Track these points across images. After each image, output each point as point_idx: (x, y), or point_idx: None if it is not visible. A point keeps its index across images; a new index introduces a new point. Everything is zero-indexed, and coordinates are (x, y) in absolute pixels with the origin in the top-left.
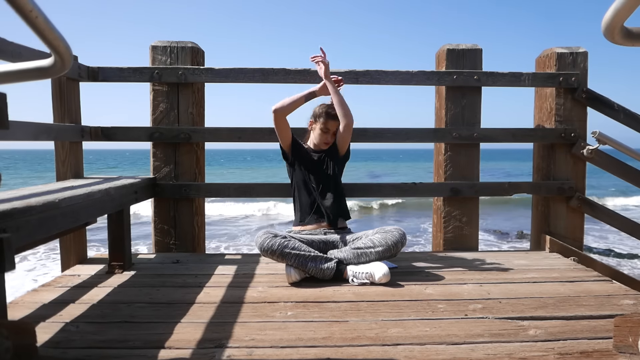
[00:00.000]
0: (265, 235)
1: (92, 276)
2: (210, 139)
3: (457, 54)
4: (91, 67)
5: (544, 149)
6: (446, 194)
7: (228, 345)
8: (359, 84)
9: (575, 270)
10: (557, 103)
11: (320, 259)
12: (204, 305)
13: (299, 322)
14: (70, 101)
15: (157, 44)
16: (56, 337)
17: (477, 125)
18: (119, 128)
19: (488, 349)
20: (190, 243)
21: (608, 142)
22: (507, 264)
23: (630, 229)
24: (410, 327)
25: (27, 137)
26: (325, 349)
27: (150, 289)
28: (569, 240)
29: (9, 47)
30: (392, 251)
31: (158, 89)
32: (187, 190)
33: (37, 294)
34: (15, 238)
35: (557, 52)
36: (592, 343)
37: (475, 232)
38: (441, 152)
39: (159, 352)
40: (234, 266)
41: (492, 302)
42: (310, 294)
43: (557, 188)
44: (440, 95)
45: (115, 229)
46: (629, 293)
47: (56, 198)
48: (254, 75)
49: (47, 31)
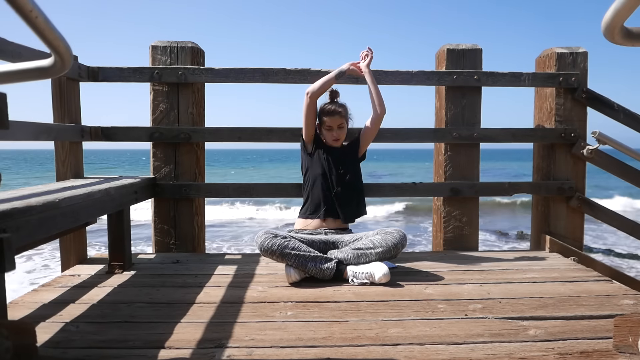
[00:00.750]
0: (265, 235)
1: (92, 276)
2: (210, 139)
3: (457, 54)
4: (91, 67)
5: (544, 149)
6: (446, 194)
7: (228, 345)
8: (359, 83)
9: (575, 270)
10: (557, 103)
11: (320, 259)
12: (204, 305)
13: (299, 322)
14: (70, 101)
15: (157, 44)
16: (56, 337)
17: (477, 125)
18: (119, 128)
19: (488, 349)
20: (190, 243)
21: (608, 142)
22: (507, 264)
23: (629, 229)
24: (410, 327)
25: (27, 137)
26: (325, 349)
27: (150, 289)
28: (569, 240)
29: (9, 47)
30: (393, 252)
31: (158, 89)
32: (187, 190)
33: (37, 294)
34: (15, 238)
35: (557, 52)
36: (592, 343)
37: (475, 232)
38: (441, 152)
39: (159, 352)
40: (234, 266)
41: (492, 302)
42: (310, 294)
43: (557, 188)
44: (440, 95)
45: (115, 229)
46: (629, 293)
47: (56, 198)
48: (254, 75)
49: (47, 31)
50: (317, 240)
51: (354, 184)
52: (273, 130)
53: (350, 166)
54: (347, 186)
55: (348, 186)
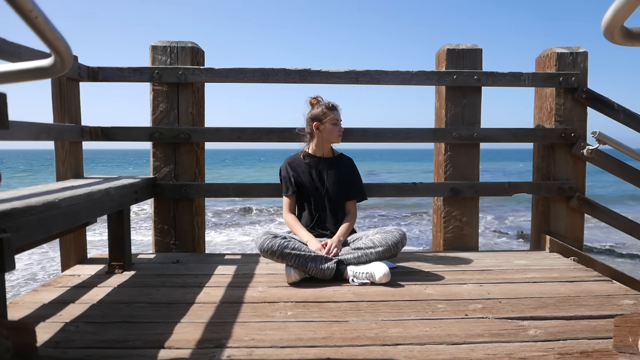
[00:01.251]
0: (265, 236)
1: (92, 276)
2: (210, 139)
3: (457, 54)
4: (91, 67)
5: (544, 149)
6: (446, 194)
7: (228, 345)
8: (359, 83)
9: (575, 270)
10: (557, 103)
11: (320, 259)
12: (203, 305)
13: (299, 322)
14: (70, 101)
15: (157, 44)
16: (56, 337)
17: (477, 125)
18: (119, 128)
19: (488, 349)
20: (190, 243)
21: (608, 142)
22: (507, 264)
23: (630, 229)
24: (410, 327)
25: (27, 137)
26: (325, 349)
27: (150, 289)
28: (569, 240)
29: (9, 47)
30: (393, 251)
31: (158, 89)
32: (187, 190)
33: (37, 294)
34: (15, 238)
35: (557, 52)
36: (592, 343)
37: (475, 232)
38: (441, 152)
39: (158, 352)
40: (234, 266)
41: (492, 302)
42: (310, 294)
43: (557, 188)
44: (440, 95)
45: (115, 229)
46: (629, 293)
47: (56, 198)
48: (254, 75)
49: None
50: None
51: (335, 197)
52: (273, 130)
53: (332, 179)
54: (330, 202)
55: (330, 202)
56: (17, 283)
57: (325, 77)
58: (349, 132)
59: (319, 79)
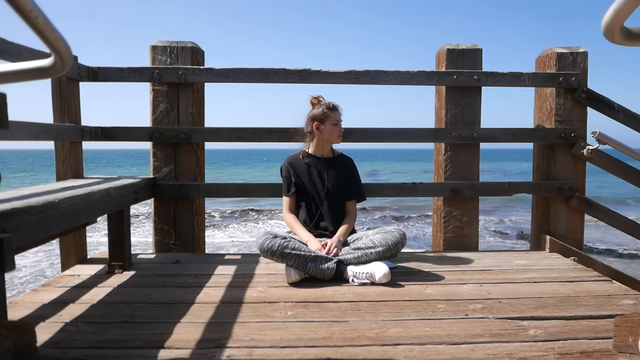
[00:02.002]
0: (265, 236)
1: (92, 276)
2: (210, 139)
3: (457, 54)
4: (91, 67)
5: (544, 149)
6: (446, 194)
7: (228, 345)
8: (359, 83)
9: (575, 270)
10: (557, 103)
11: (320, 259)
12: (203, 305)
13: (299, 322)
14: (70, 101)
15: (157, 44)
16: (56, 337)
17: (477, 125)
18: (119, 128)
19: (488, 349)
20: (190, 243)
21: (608, 142)
22: (507, 264)
23: (630, 229)
24: (410, 327)
25: (27, 137)
26: (325, 349)
27: (150, 289)
28: (569, 240)
29: (9, 47)
30: (393, 251)
31: (158, 89)
32: (187, 190)
33: (37, 294)
34: (15, 238)
35: (557, 52)
36: (592, 343)
37: (475, 232)
38: (441, 152)
39: (158, 352)
40: (233, 266)
41: (492, 302)
42: (310, 294)
43: (557, 188)
44: (440, 95)
45: (115, 229)
46: (629, 293)
47: (56, 198)
48: (254, 75)
49: (47, 31)
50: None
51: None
52: (273, 130)
53: (332, 179)
54: (330, 203)
55: (330, 203)
56: (25, 280)
57: (325, 77)
58: (349, 132)
59: (319, 79)
